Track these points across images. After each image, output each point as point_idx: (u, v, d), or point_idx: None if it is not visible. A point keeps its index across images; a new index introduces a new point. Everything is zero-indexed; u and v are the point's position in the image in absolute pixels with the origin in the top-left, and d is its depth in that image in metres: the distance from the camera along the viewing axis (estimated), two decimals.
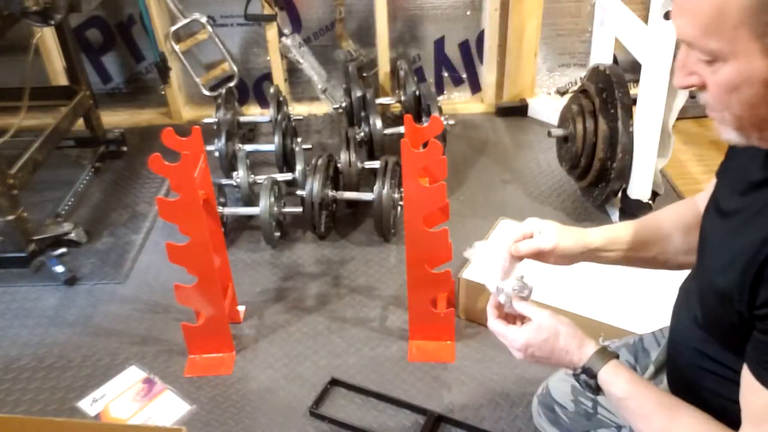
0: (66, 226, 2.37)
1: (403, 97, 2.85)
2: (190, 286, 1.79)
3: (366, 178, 2.48)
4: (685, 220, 1.15)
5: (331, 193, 2.35)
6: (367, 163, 2.49)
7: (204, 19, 3.02)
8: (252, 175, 2.48)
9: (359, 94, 2.72)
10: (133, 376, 1.89)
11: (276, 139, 2.61)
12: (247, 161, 2.48)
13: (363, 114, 2.69)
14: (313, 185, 2.27)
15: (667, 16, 1.92)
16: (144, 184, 2.75)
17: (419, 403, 1.75)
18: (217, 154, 2.62)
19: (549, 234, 1.12)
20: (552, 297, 1.76)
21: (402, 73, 2.91)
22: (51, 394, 1.85)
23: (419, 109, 2.76)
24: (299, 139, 2.63)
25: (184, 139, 1.75)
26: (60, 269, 2.24)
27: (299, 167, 2.47)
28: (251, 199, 2.47)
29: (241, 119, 2.91)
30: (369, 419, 1.73)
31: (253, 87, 3.25)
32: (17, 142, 2.33)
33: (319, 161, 2.36)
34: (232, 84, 3.11)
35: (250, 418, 1.75)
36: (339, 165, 2.43)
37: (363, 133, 2.62)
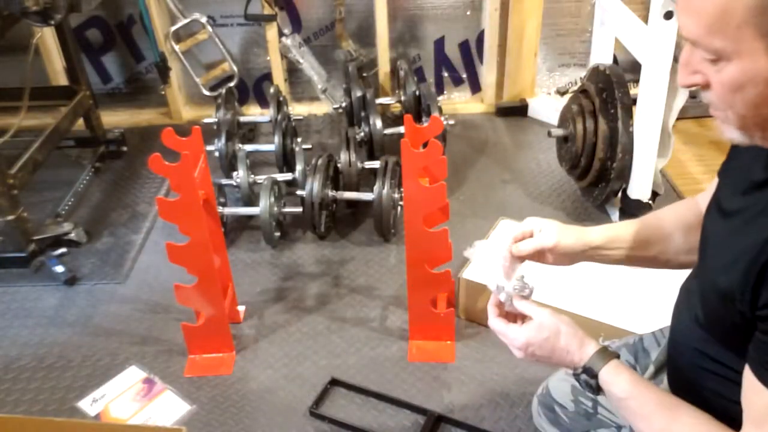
0: (66, 226, 2.37)
1: (403, 97, 2.85)
2: (190, 286, 1.79)
3: (366, 178, 2.48)
4: (686, 220, 1.15)
5: (331, 193, 2.35)
6: (367, 163, 2.49)
7: (204, 19, 3.02)
8: (252, 175, 2.48)
9: (359, 94, 2.72)
10: (133, 376, 1.89)
11: (276, 139, 2.61)
12: (247, 161, 2.47)
13: (363, 114, 2.69)
14: (313, 185, 2.27)
15: (668, 16, 1.92)
16: (144, 184, 2.75)
17: (419, 403, 1.74)
18: (217, 154, 2.62)
19: (550, 232, 1.12)
20: (552, 297, 1.76)
21: (402, 73, 2.91)
22: (51, 394, 1.85)
23: (419, 109, 2.76)
24: (299, 139, 2.63)
25: (184, 139, 1.75)
26: (60, 269, 2.24)
27: (299, 167, 2.47)
28: (251, 199, 2.47)
29: (241, 119, 2.91)
30: (369, 419, 1.73)
31: (253, 87, 3.25)
32: (17, 142, 2.33)
33: (319, 161, 2.36)
34: (232, 84, 3.11)
35: (250, 418, 1.75)
36: (339, 165, 2.43)
37: (363, 133, 2.62)
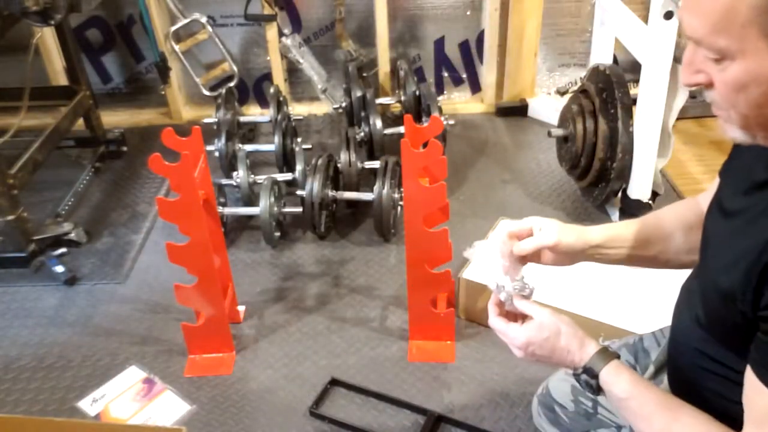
0: (66, 226, 2.37)
1: (403, 97, 2.85)
2: (190, 286, 1.79)
3: (366, 178, 2.48)
4: (686, 220, 1.15)
5: (331, 193, 2.35)
6: (367, 163, 2.49)
7: (204, 19, 3.02)
8: (252, 175, 2.48)
9: (359, 94, 2.72)
10: (133, 376, 1.89)
11: (276, 139, 2.61)
12: (247, 161, 2.47)
13: (363, 114, 2.69)
14: (313, 185, 2.27)
15: (668, 16, 1.92)
16: (144, 184, 2.75)
17: (419, 403, 1.74)
18: (217, 154, 2.61)
19: (550, 231, 1.12)
20: (552, 297, 1.75)
21: (402, 73, 2.91)
22: (51, 394, 1.85)
23: (419, 109, 2.76)
24: (299, 139, 2.63)
25: (184, 139, 1.75)
26: (60, 269, 2.24)
27: (299, 167, 2.47)
28: (251, 199, 2.47)
29: (241, 119, 2.91)
30: (369, 419, 1.73)
31: (253, 87, 3.25)
32: (17, 142, 2.33)
33: (319, 161, 2.36)
34: (232, 84, 3.11)
35: (250, 418, 1.75)
36: (339, 165, 2.43)
37: (363, 133, 2.62)
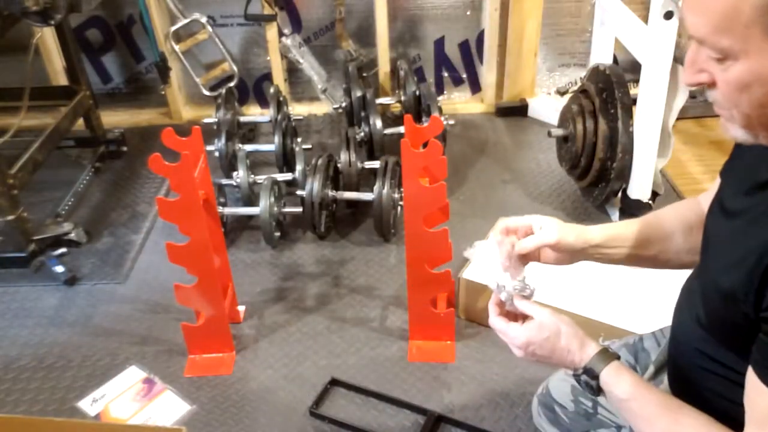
0: (66, 226, 2.37)
1: (403, 97, 2.85)
2: (190, 286, 1.79)
3: (366, 178, 2.48)
4: (687, 220, 1.15)
5: (331, 193, 2.35)
6: (367, 163, 2.49)
7: (204, 19, 3.02)
8: (252, 175, 2.48)
9: (359, 94, 2.72)
10: (133, 376, 1.89)
11: (276, 139, 2.61)
12: (247, 161, 2.47)
13: (363, 114, 2.69)
14: (313, 185, 2.27)
15: (668, 16, 1.92)
16: (144, 184, 2.75)
17: (419, 403, 1.74)
18: (217, 154, 2.61)
19: (551, 229, 1.12)
20: (552, 297, 1.75)
21: (402, 73, 2.91)
22: (51, 394, 1.85)
23: (419, 109, 2.76)
24: (299, 139, 2.63)
25: (184, 139, 1.75)
26: (60, 269, 2.24)
27: (299, 167, 2.47)
28: (251, 199, 2.47)
29: (241, 119, 2.91)
30: (369, 419, 1.73)
31: (253, 87, 3.25)
32: (17, 142, 2.33)
33: (319, 161, 2.36)
34: (232, 84, 3.11)
35: (250, 418, 1.75)
36: (339, 165, 2.43)
37: (363, 133, 2.62)
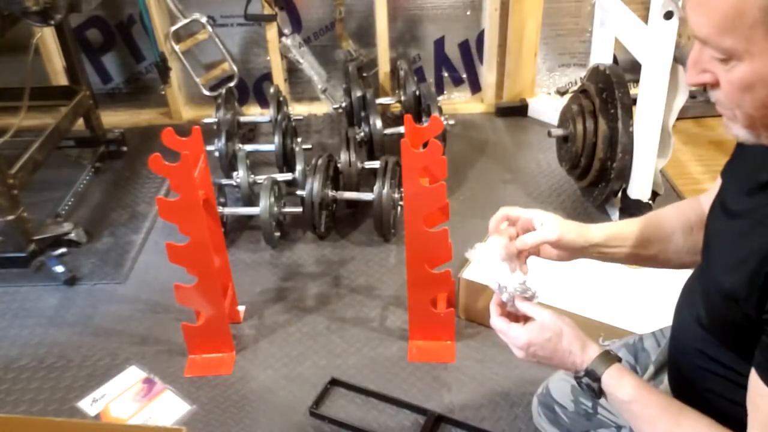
0: (66, 226, 2.37)
1: (403, 97, 2.85)
2: (190, 286, 1.79)
3: (366, 178, 2.48)
4: (687, 220, 1.15)
5: (331, 193, 2.35)
6: (367, 163, 2.49)
7: (204, 19, 3.02)
8: (252, 175, 2.48)
9: (359, 94, 2.72)
10: (133, 376, 1.89)
11: (276, 139, 2.61)
12: (247, 161, 2.47)
13: (363, 114, 2.69)
14: (313, 185, 2.27)
15: (668, 16, 1.92)
16: (144, 184, 2.75)
17: (419, 403, 1.74)
18: (217, 154, 2.61)
19: (552, 226, 1.11)
20: (552, 297, 1.75)
21: (402, 73, 2.91)
22: (51, 394, 1.85)
23: (419, 109, 2.76)
24: (299, 139, 2.63)
25: (184, 139, 1.75)
26: (60, 269, 2.24)
27: (299, 167, 2.47)
28: (251, 199, 2.47)
29: (241, 119, 2.91)
30: (369, 419, 1.73)
31: (253, 87, 3.25)
32: (17, 142, 2.33)
33: (319, 161, 2.36)
34: (232, 84, 3.11)
35: (250, 418, 1.75)
36: (339, 165, 2.43)
37: (363, 133, 2.62)
